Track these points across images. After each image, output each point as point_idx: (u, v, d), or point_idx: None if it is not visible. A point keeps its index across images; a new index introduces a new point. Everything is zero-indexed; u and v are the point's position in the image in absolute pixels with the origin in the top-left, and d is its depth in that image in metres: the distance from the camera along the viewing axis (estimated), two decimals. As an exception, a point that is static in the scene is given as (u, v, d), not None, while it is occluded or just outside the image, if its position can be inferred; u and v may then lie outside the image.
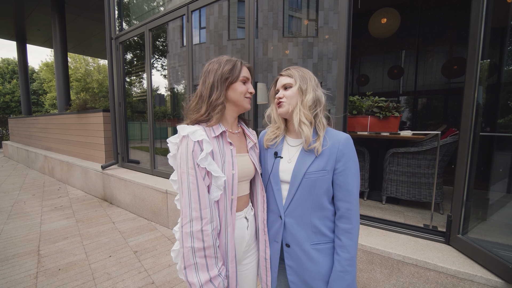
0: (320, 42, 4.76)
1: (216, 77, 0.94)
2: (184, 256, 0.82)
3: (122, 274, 2.24)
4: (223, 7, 4.62)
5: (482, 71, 1.58)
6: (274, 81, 1.08)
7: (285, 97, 0.99)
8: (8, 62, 25.12)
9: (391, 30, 4.07)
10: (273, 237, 1.01)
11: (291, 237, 0.96)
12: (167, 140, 0.97)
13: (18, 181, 6.07)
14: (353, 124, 2.80)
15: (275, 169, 1.00)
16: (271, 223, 1.02)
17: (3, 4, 7.75)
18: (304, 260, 0.94)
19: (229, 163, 0.92)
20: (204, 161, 0.85)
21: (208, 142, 0.88)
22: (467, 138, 1.60)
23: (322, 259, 0.94)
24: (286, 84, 0.99)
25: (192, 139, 0.86)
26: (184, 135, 0.88)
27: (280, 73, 1.05)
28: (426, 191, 2.57)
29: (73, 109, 5.84)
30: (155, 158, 4.06)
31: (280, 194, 0.99)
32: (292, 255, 0.97)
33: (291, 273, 0.97)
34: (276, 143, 1.05)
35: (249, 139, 1.06)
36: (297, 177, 0.94)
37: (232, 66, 0.95)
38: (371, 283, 1.76)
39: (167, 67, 5.03)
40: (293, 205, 0.95)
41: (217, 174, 0.87)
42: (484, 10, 1.53)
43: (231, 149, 0.95)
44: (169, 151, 0.98)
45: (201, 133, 0.88)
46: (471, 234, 1.71)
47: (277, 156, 1.02)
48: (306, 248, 0.94)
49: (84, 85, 19.62)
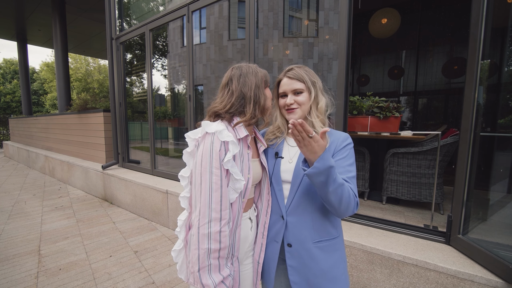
0: (321, 42, 4.76)
1: (258, 80, 0.95)
2: (199, 258, 0.79)
3: (122, 274, 2.25)
4: (224, 7, 4.62)
5: (483, 71, 1.58)
6: (277, 82, 1.04)
7: (296, 103, 0.97)
8: (11, 63, 25.18)
9: (392, 30, 4.07)
10: (274, 237, 1.00)
11: (293, 237, 0.95)
12: (185, 134, 0.93)
13: (19, 181, 6.08)
14: (354, 124, 2.80)
15: (277, 169, 1.01)
16: (272, 224, 1.02)
17: (4, 4, 7.77)
18: (306, 259, 0.93)
19: (246, 167, 0.90)
20: (228, 163, 0.83)
21: (235, 144, 0.86)
22: (468, 138, 1.60)
23: (324, 257, 0.93)
24: (297, 89, 0.97)
25: (220, 139, 0.84)
26: (210, 133, 0.85)
27: (287, 75, 1.00)
28: (426, 191, 2.57)
29: (74, 109, 5.85)
30: (156, 158, 4.07)
31: (282, 194, 0.99)
32: (294, 255, 0.96)
33: (292, 273, 0.96)
34: (276, 144, 1.05)
35: (260, 143, 1.05)
36: (298, 176, 0.94)
37: (263, 73, 0.99)
38: (372, 283, 1.76)
39: (168, 67, 5.04)
40: (295, 204, 0.95)
41: (238, 177, 0.85)
42: (485, 11, 1.53)
43: (248, 153, 0.94)
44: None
45: (228, 134, 0.85)
46: (472, 235, 1.71)
47: (278, 157, 1.02)
48: (309, 247, 0.93)
49: (85, 85, 19.64)
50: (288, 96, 0.99)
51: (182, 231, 1.02)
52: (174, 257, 1.05)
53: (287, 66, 1.03)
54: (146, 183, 3.51)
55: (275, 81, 1.06)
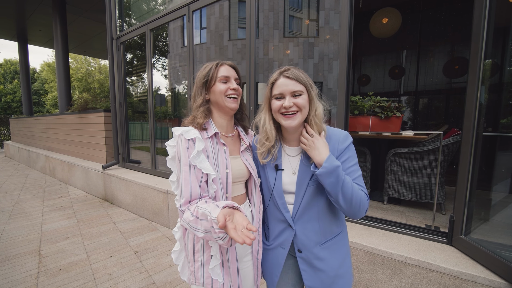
0: (321, 42, 4.75)
1: (197, 85, 1.01)
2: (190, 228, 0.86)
3: (123, 274, 2.24)
4: (224, 7, 4.62)
5: (484, 71, 1.57)
6: (270, 83, 0.93)
7: (296, 106, 0.87)
8: (11, 63, 25.22)
9: (392, 30, 4.06)
10: (280, 244, 1.00)
11: (301, 243, 0.96)
12: (165, 143, 1.01)
13: (19, 181, 6.08)
14: (355, 124, 2.79)
15: (278, 183, 0.97)
16: (280, 232, 1.01)
17: (5, 4, 7.77)
18: (315, 262, 0.95)
19: (223, 163, 0.95)
20: (196, 158, 0.89)
21: (201, 140, 0.92)
22: (470, 138, 1.59)
23: (331, 256, 0.96)
24: (297, 91, 0.88)
25: (186, 138, 0.90)
26: (178, 134, 0.93)
27: (285, 74, 0.89)
28: (428, 191, 2.56)
29: (74, 109, 5.85)
30: (156, 158, 4.06)
31: (285, 207, 0.97)
32: (305, 260, 0.97)
33: (307, 278, 0.97)
34: (274, 157, 0.98)
35: (242, 142, 1.07)
36: (302, 186, 0.93)
37: (208, 70, 0.98)
38: (373, 284, 1.75)
39: (168, 67, 5.03)
40: (301, 213, 0.95)
41: (207, 172, 0.89)
42: (487, 10, 1.52)
43: (225, 149, 0.98)
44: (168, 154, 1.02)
45: (194, 132, 0.92)
46: (474, 235, 1.70)
47: (279, 169, 0.98)
48: (316, 251, 0.95)
49: (86, 85, 19.67)
50: (286, 98, 0.88)
51: (179, 231, 1.02)
52: (175, 258, 1.05)
53: (280, 67, 0.94)
54: (147, 183, 3.50)
55: (268, 82, 0.96)
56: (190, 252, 0.95)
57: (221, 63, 1.00)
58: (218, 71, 0.98)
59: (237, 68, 1.03)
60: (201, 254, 0.93)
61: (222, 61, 1.00)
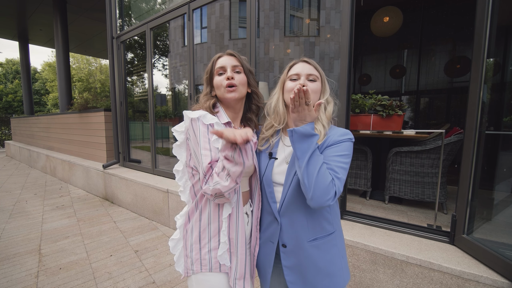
0: (322, 42, 4.73)
1: (204, 82, 1.03)
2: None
3: (123, 273, 2.24)
4: (225, 6, 4.60)
5: (487, 69, 1.56)
6: (289, 66, 0.97)
7: (307, 87, 0.85)
8: (13, 63, 25.28)
9: (394, 29, 4.04)
10: (269, 238, 0.98)
11: (288, 237, 0.93)
12: (172, 129, 0.96)
13: (20, 180, 6.09)
14: (356, 123, 2.77)
15: (268, 171, 0.97)
16: (267, 225, 0.99)
17: (5, 4, 7.79)
18: (302, 259, 0.91)
19: None
20: (216, 143, 0.86)
21: (220, 125, 0.90)
22: (473, 137, 1.57)
23: (320, 255, 0.91)
24: (313, 75, 0.91)
25: (205, 122, 0.88)
26: (194, 118, 0.88)
27: (303, 59, 0.95)
28: (429, 190, 2.54)
29: (75, 108, 5.85)
30: (156, 158, 4.06)
31: (273, 196, 0.96)
32: (289, 255, 0.93)
33: (288, 273, 0.94)
34: (271, 146, 1.00)
35: None
36: (290, 174, 0.91)
37: (209, 65, 0.99)
38: (374, 283, 1.74)
39: (169, 67, 5.03)
40: (286, 205, 0.92)
41: None
42: (490, 7, 1.51)
43: None
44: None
45: (211, 117, 0.90)
46: (476, 234, 1.68)
47: (272, 157, 0.98)
48: (304, 246, 0.91)
49: (87, 85, 19.70)
50: (302, 78, 0.90)
51: (182, 219, 1.00)
52: (172, 247, 1.03)
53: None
54: (147, 182, 3.50)
55: (287, 66, 0.99)
56: (195, 239, 0.94)
57: (219, 55, 0.99)
58: (215, 64, 0.97)
59: (236, 54, 0.99)
60: (208, 241, 0.93)
61: (222, 53, 0.99)
